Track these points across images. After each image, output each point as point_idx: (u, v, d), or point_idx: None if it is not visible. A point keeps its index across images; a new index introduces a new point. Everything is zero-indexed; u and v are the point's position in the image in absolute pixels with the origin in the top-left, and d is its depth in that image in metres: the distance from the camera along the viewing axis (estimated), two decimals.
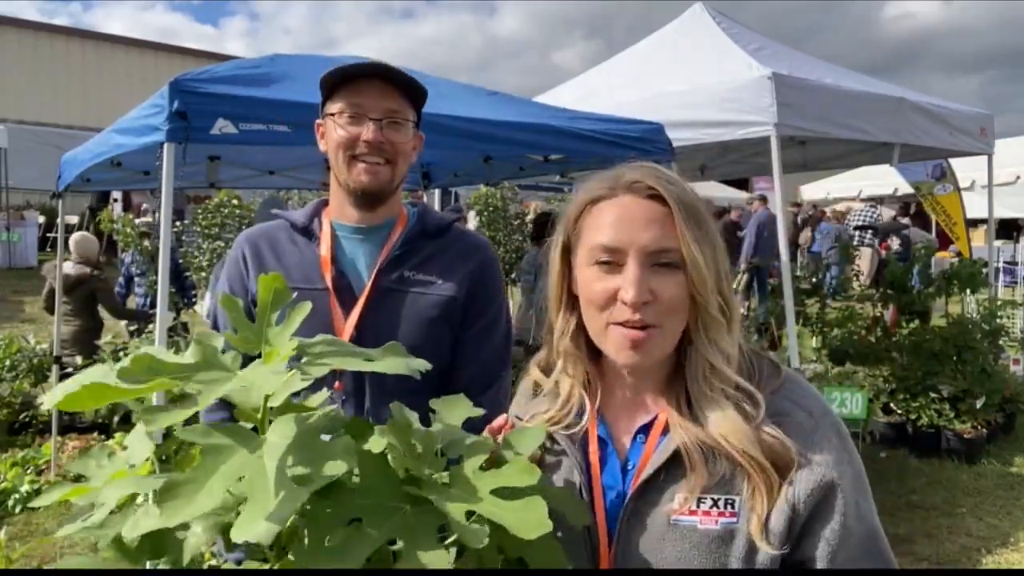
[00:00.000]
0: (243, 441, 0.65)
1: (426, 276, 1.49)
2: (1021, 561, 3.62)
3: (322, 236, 1.51)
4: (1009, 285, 10.30)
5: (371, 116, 1.42)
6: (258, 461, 0.62)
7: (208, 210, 7.01)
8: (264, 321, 0.78)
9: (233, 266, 1.56)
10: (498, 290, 1.60)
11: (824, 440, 0.89)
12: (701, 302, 0.90)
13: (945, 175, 6.63)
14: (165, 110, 2.42)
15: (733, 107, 4.07)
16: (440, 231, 1.56)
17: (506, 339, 1.59)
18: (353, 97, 1.43)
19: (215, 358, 0.73)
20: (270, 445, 0.64)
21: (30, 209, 15.22)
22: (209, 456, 0.63)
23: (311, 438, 0.67)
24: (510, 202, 8.00)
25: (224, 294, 0.81)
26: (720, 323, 0.92)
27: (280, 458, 0.62)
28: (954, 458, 4.89)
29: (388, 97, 1.44)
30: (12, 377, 5.56)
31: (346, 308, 1.46)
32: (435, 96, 3.18)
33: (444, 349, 1.50)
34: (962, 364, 5.29)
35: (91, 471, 0.83)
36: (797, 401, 0.92)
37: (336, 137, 1.44)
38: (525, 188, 10.19)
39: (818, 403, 0.94)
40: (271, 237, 1.56)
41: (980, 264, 5.87)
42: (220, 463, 0.63)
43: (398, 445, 0.76)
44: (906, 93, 5.03)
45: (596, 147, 3.41)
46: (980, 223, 11.37)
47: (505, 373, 1.59)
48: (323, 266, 1.48)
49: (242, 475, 0.62)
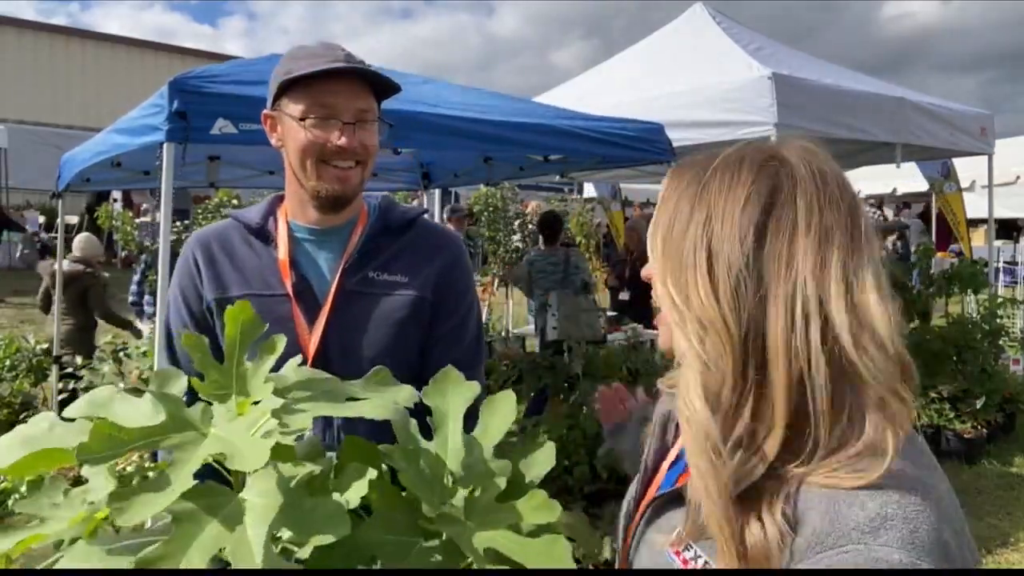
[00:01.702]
0: (219, 504, 0.58)
1: (392, 276, 1.40)
2: (1021, 561, 3.61)
3: (279, 238, 1.40)
4: (1009, 285, 10.31)
5: (343, 119, 1.30)
6: (240, 533, 0.56)
7: (208, 210, 7.02)
8: (235, 361, 0.69)
9: (184, 272, 1.43)
10: (468, 287, 1.51)
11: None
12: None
13: (950, 174, 6.63)
14: (165, 110, 2.41)
15: (733, 107, 4.07)
16: (404, 226, 1.45)
17: (478, 339, 1.50)
18: (321, 98, 1.29)
19: (181, 414, 0.64)
20: (251, 510, 0.57)
21: (30, 209, 15.23)
22: (183, 524, 0.56)
23: (296, 500, 0.60)
24: (510, 202, 8.01)
25: (186, 333, 0.72)
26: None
27: (266, 529, 0.56)
28: (954, 458, 4.89)
29: (359, 97, 1.32)
30: (12, 377, 5.56)
31: (309, 314, 1.36)
32: (435, 96, 3.19)
33: (414, 352, 1.42)
34: (962, 364, 5.29)
35: (44, 511, 0.70)
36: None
37: (302, 140, 1.31)
38: (525, 188, 10.21)
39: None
40: (224, 239, 1.43)
41: (981, 264, 5.87)
42: (196, 534, 0.56)
43: (407, 470, 0.69)
44: (906, 93, 5.03)
45: (596, 147, 3.41)
46: (980, 223, 11.37)
47: (478, 375, 1.49)
48: (282, 270, 1.37)
49: (222, 547, 0.55)
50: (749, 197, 0.71)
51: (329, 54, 1.31)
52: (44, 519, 0.69)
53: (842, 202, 0.71)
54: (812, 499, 0.66)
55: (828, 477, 0.66)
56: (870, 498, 0.64)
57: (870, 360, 0.67)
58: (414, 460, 0.70)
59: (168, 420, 0.63)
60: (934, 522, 0.63)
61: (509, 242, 7.82)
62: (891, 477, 0.65)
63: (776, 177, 0.72)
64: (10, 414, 5.32)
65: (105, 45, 21.40)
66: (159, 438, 0.61)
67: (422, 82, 3.51)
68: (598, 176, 6.78)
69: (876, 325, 0.68)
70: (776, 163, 0.73)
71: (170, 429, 0.62)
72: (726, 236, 0.70)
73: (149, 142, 2.62)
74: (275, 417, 0.63)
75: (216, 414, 0.65)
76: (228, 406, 0.67)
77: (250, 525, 0.56)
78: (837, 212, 0.70)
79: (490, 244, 7.90)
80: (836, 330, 0.67)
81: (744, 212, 0.70)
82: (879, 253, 0.72)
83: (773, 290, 0.68)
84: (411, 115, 2.83)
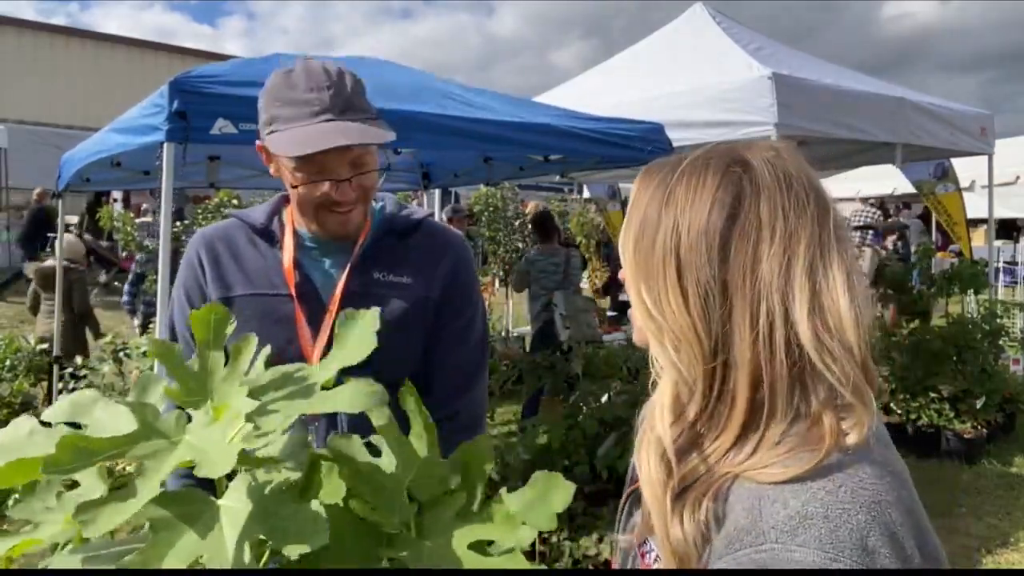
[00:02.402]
0: (196, 512, 0.58)
1: (397, 278, 1.40)
2: (1021, 561, 3.61)
3: (284, 239, 1.40)
4: (1009, 285, 10.31)
5: (340, 177, 1.28)
6: (217, 538, 0.56)
7: (208, 210, 7.01)
8: (207, 366, 0.68)
9: (188, 271, 1.42)
10: (474, 289, 1.52)
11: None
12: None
13: (947, 174, 6.61)
14: (165, 110, 2.41)
15: (733, 107, 4.07)
16: (409, 229, 1.45)
17: (482, 340, 1.50)
18: (311, 157, 1.24)
19: (154, 422, 0.63)
20: (227, 516, 0.58)
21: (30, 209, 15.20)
22: (161, 533, 0.56)
23: (273, 507, 0.60)
24: (510, 202, 8.01)
25: (157, 340, 0.72)
26: None
27: (239, 535, 0.56)
28: (954, 458, 4.89)
29: (351, 150, 1.27)
30: (12, 377, 5.56)
31: (312, 315, 1.36)
32: (435, 96, 3.19)
33: (418, 352, 1.41)
34: (962, 364, 5.28)
35: (38, 516, 0.70)
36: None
37: (298, 193, 1.30)
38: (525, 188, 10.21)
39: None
40: (228, 238, 1.43)
41: (982, 265, 5.87)
42: (173, 541, 0.56)
43: (363, 490, 0.67)
44: (906, 93, 5.03)
45: (596, 147, 3.41)
46: (980, 223, 11.36)
47: (482, 376, 1.50)
48: (287, 271, 1.37)
49: (199, 554, 0.56)
50: (713, 205, 0.71)
51: (314, 102, 1.24)
52: (38, 523, 0.69)
53: (808, 204, 0.71)
54: (741, 495, 0.66)
55: (759, 472, 0.66)
56: (793, 495, 0.63)
57: (836, 366, 0.66)
58: (372, 479, 0.68)
59: (140, 429, 0.62)
60: (860, 523, 0.61)
61: (509, 242, 7.81)
62: (821, 472, 0.64)
63: (739, 184, 0.71)
64: (10, 414, 5.32)
65: (105, 45, 21.38)
66: (127, 448, 0.60)
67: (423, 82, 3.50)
68: (597, 176, 6.78)
69: (844, 329, 0.67)
70: (739, 168, 0.72)
71: (140, 438, 0.61)
72: (693, 246, 0.70)
73: (149, 142, 2.62)
74: (249, 421, 0.62)
75: (193, 420, 0.65)
76: (205, 411, 0.66)
77: (226, 530, 0.56)
78: (803, 215, 0.70)
79: (490, 244, 7.90)
80: (800, 338, 0.67)
81: (709, 221, 0.71)
82: (851, 253, 0.71)
83: (739, 301, 0.69)
84: (411, 115, 2.83)
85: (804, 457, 0.65)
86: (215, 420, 0.64)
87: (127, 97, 5.04)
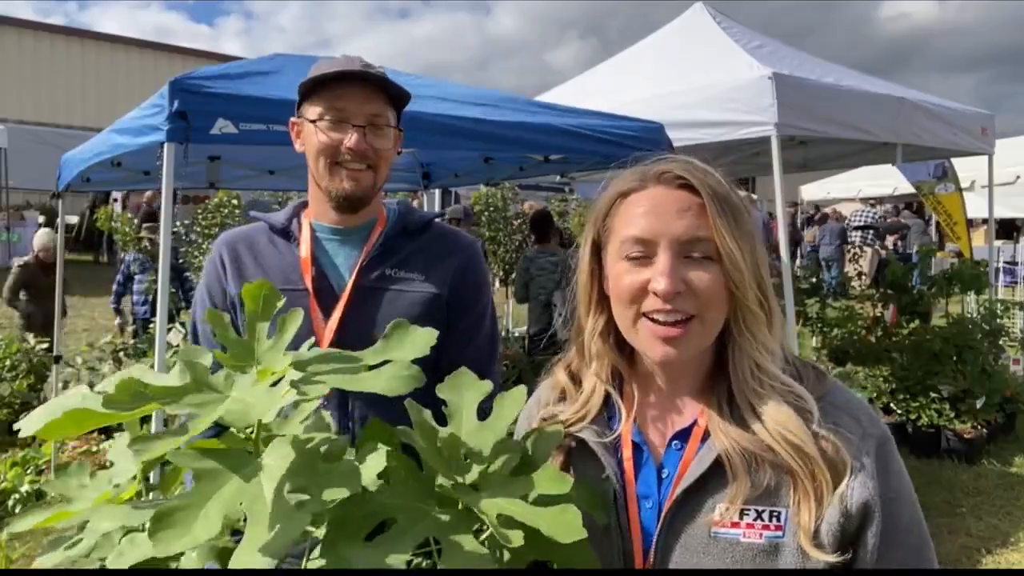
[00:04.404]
0: (238, 465, 0.62)
1: (408, 274, 1.46)
2: (1021, 561, 3.61)
3: (302, 237, 1.48)
4: (1009, 285, 10.31)
5: (354, 122, 1.38)
6: (256, 486, 0.59)
7: (208, 210, 7.01)
8: (254, 335, 0.73)
9: (211, 270, 1.51)
10: (484, 287, 1.57)
11: (875, 448, 0.84)
12: (739, 296, 0.85)
13: (947, 174, 6.60)
14: (165, 110, 2.41)
15: (733, 107, 4.06)
16: (421, 228, 1.52)
17: (492, 338, 1.55)
18: (335, 101, 1.38)
19: (205, 378, 0.69)
20: (267, 468, 0.61)
21: (30, 209, 15.22)
22: (203, 482, 0.60)
23: (310, 462, 0.64)
24: (510, 202, 8.00)
25: (208, 308, 0.77)
26: (760, 318, 0.87)
27: (279, 482, 0.59)
28: (954, 458, 4.89)
29: (371, 101, 1.40)
30: (12, 377, 5.57)
31: (326, 309, 1.42)
32: (435, 96, 3.19)
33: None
34: (962, 364, 5.28)
35: (72, 491, 0.76)
36: (844, 407, 0.87)
37: (316, 143, 1.40)
38: (525, 188, 10.19)
39: (864, 410, 0.88)
40: (250, 239, 1.52)
41: (982, 265, 5.87)
42: (216, 489, 0.59)
43: (425, 448, 0.73)
44: (907, 93, 5.03)
45: (596, 147, 3.41)
46: (980, 223, 11.36)
47: (493, 373, 1.53)
48: (303, 267, 1.44)
49: (240, 501, 0.59)
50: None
51: (347, 63, 1.40)
52: (71, 499, 0.75)
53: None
54: (822, 409, 0.88)
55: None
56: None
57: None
58: (431, 438, 0.75)
59: (192, 383, 0.68)
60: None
61: (509, 242, 7.81)
62: (833, 387, 0.91)
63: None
64: (10, 414, 5.32)
65: (105, 45, 21.38)
66: (181, 397, 0.65)
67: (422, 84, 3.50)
68: (597, 176, 6.78)
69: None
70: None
71: (192, 389, 0.67)
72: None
73: (149, 142, 2.62)
74: (293, 387, 0.67)
75: (238, 381, 0.70)
76: (250, 375, 0.70)
77: (265, 479, 0.60)
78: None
79: (490, 244, 7.90)
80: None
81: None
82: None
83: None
84: (411, 115, 2.82)
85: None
86: (260, 381, 0.69)
87: (127, 97, 5.04)
